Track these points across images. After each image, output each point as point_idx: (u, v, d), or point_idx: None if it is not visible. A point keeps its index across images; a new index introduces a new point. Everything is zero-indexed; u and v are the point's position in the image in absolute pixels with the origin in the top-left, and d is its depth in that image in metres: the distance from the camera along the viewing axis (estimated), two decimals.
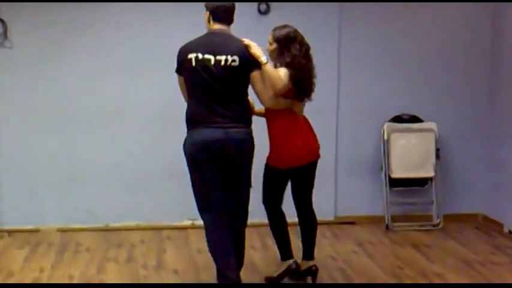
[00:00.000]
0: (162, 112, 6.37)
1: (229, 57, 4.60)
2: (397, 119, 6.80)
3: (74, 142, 6.38)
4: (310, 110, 5.89)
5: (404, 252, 6.00)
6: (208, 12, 4.75)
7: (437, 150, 6.77)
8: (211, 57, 4.60)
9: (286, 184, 5.16)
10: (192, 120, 4.70)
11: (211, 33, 4.74)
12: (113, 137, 6.44)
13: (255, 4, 6.42)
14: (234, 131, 4.63)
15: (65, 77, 6.32)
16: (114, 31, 6.35)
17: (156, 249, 5.98)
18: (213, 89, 4.62)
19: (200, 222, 5.16)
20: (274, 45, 4.91)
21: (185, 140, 4.74)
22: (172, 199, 6.47)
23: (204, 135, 4.62)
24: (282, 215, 5.18)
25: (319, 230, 6.17)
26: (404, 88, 6.82)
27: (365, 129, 6.78)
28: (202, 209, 4.78)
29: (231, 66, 4.61)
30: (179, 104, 5.13)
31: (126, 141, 6.44)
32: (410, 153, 6.79)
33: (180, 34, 6.02)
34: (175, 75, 4.94)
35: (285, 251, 5.21)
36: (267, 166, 5.08)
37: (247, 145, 4.74)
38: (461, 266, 5.63)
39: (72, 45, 6.30)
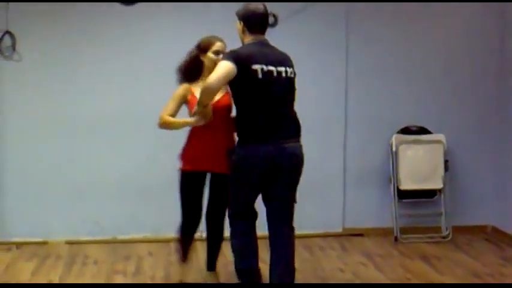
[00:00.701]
0: None
1: (288, 69, 4.61)
2: (406, 131, 6.79)
3: (82, 154, 6.39)
4: (318, 121, 5.91)
5: (413, 265, 5.96)
6: (242, 23, 4.66)
7: (446, 161, 6.75)
8: (274, 69, 4.54)
9: None
10: (253, 133, 4.59)
11: (261, 43, 4.63)
12: (120, 149, 6.44)
13: None
14: (294, 146, 4.64)
15: (72, 90, 6.33)
16: (121, 44, 6.37)
17: (164, 262, 5.96)
18: (276, 102, 4.57)
19: None
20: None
21: (236, 150, 4.66)
22: (180, 211, 6.45)
23: (267, 150, 4.55)
24: None
25: (328, 242, 6.18)
26: (413, 99, 6.81)
27: (373, 140, 6.77)
28: (240, 215, 4.78)
29: (289, 78, 4.63)
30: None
31: (134, 153, 6.44)
32: (419, 165, 6.76)
33: (187, 46, 6.06)
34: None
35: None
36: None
37: (301, 160, 4.73)
38: (471, 278, 5.59)
39: (79, 58, 6.32)
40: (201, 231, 6.37)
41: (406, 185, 6.71)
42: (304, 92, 4.92)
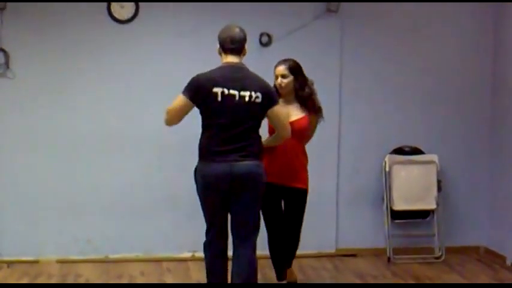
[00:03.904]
0: (163, 143, 6.36)
1: (253, 94, 4.68)
2: (399, 151, 6.79)
3: (74, 173, 6.36)
4: (312, 141, 5.89)
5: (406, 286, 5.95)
6: (218, 44, 4.81)
7: (439, 182, 6.75)
8: (236, 93, 4.66)
9: None
10: (207, 152, 4.74)
11: (229, 67, 4.76)
12: (113, 168, 6.42)
13: (257, 36, 6.42)
14: (244, 164, 4.70)
15: (66, 108, 6.32)
16: (116, 62, 6.37)
17: (156, 281, 5.92)
18: (233, 124, 4.68)
19: (200, 254, 5.15)
20: (291, 78, 5.06)
21: (196, 167, 4.81)
22: (173, 230, 6.44)
23: (217, 170, 4.68)
24: None
25: (321, 262, 6.15)
26: (406, 120, 6.82)
27: (366, 161, 6.76)
28: (206, 232, 4.93)
29: (254, 103, 4.70)
30: (179, 136, 5.17)
31: (126, 172, 6.41)
32: (412, 185, 6.76)
33: (180, 65, 6.10)
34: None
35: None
36: (305, 192, 5.36)
37: (257, 177, 4.78)
38: None
39: (73, 75, 6.31)
40: (193, 251, 6.39)
41: (399, 205, 6.70)
42: None
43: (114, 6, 6.29)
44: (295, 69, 5.20)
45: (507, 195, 6.63)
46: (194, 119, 4.84)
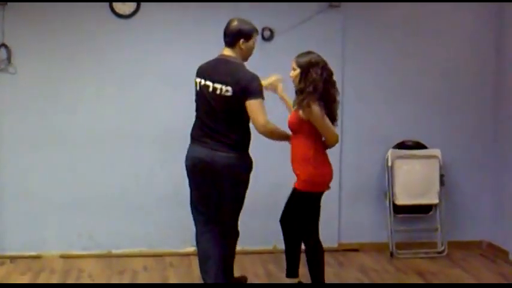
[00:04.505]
0: (165, 139, 6.36)
1: (223, 87, 4.81)
2: (401, 146, 6.78)
3: (77, 168, 6.36)
4: None
5: (409, 280, 5.96)
6: None
7: (442, 176, 6.75)
8: (210, 84, 4.86)
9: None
10: (191, 136, 5.08)
11: (217, 59, 4.97)
12: (115, 163, 6.42)
13: (259, 30, 6.39)
14: (219, 155, 4.86)
15: (67, 102, 6.31)
16: (118, 58, 6.36)
17: (159, 276, 5.94)
18: (208, 114, 4.92)
19: None
20: (298, 71, 5.00)
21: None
22: (176, 225, 6.43)
23: (195, 152, 4.99)
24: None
25: None
26: (409, 114, 6.81)
27: (369, 155, 6.76)
28: (193, 214, 5.21)
29: (223, 96, 4.83)
30: (182, 131, 5.18)
31: (129, 167, 6.41)
32: (415, 180, 6.76)
33: (182, 61, 6.09)
34: (177, 102, 5.59)
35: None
36: (294, 192, 5.15)
37: (233, 170, 4.91)
38: None
39: (75, 71, 6.30)
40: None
41: (402, 200, 6.70)
42: None
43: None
44: (302, 63, 5.05)
45: (510, 190, 6.63)
46: None
